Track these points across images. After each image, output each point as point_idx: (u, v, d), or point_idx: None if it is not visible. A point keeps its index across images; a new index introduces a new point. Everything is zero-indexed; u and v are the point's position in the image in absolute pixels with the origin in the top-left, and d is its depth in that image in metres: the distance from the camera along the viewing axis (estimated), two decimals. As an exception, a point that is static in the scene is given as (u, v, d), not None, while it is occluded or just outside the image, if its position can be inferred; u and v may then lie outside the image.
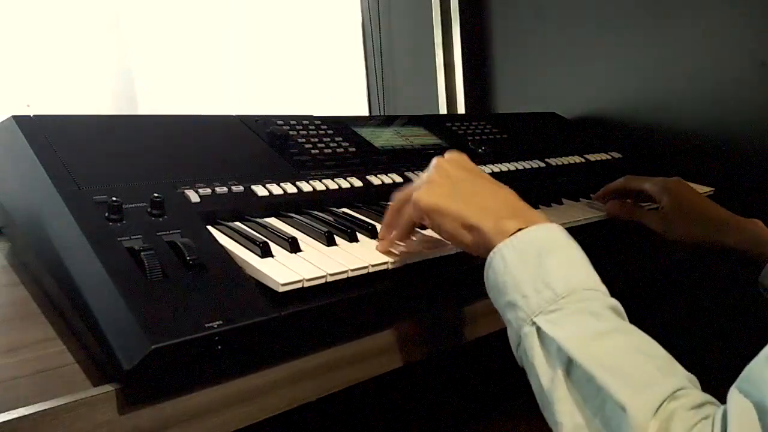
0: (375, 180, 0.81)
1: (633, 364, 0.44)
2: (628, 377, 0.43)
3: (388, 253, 0.61)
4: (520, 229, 0.52)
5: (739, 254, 0.78)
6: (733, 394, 0.40)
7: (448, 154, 0.63)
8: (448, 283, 0.66)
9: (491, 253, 0.53)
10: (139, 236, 0.54)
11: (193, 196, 0.63)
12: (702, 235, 0.80)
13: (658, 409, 0.41)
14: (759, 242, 0.77)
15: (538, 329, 0.48)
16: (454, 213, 0.56)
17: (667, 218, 0.82)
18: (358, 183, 0.78)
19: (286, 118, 0.88)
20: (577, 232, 0.81)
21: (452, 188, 0.58)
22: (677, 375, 0.44)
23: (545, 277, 0.49)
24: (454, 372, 1.09)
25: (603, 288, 0.51)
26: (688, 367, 0.46)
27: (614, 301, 0.50)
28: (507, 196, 0.59)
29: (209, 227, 0.60)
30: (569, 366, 0.46)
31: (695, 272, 1.16)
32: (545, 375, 0.47)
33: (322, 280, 0.55)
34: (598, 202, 0.90)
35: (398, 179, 0.83)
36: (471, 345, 0.67)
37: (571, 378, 0.45)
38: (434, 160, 0.62)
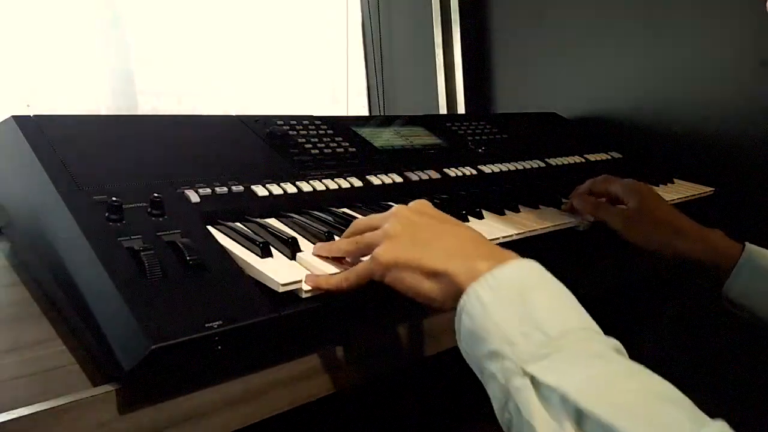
0: (375, 180, 0.81)
1: (658, 410, 0.38)
2: (657, 425, 0.36)
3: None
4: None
5: (697, 264, 0.77)
6: None
7: (410, 203, 0.58)
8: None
9: (464, 296, 0.46)
10: (139, 236, 0.54)
11: (193, 196, 0.63)
12: (661, 240, 0.78)
13: None
14: (716, 253, 0.76)
15: (533, 379, 0.40)
16: (414, 262, 0.50)
17: (630, 219, 0.79)
18: (358, 183, 0.78)
19: (286, 118, 0.88)
20: (575, 232, 0.81)
21: (411, 238, 0.52)
22: (707, 422, 0.38)
23: (533, 319, 0.43)
24: (454, 372, 1.09)
25: (598, 328, 0.45)
26: (677, 371, 0.45)
27: (616, 342, 0.44)
28: (471, 235, 0.53)
29: (209, 227, 0.60)
30: (579, 418, 0.38)
31: (689, 275, 1.15)
32: None
33: (322, 280, 0.54)
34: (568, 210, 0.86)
35: (398, 179, 0.83)
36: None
37: None
38: (393, 209, 0.56)
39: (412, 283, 0.50)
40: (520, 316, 0.43)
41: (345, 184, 0.77)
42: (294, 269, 0.56)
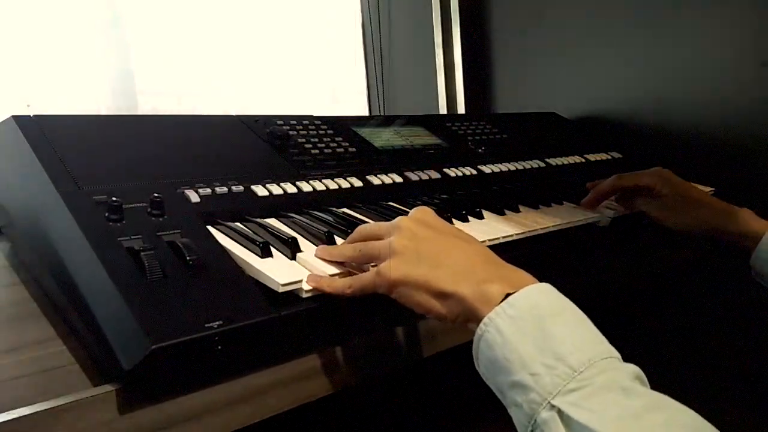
0: (375, 180, 0.81)
1: None
2: None
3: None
4: (508, 294, 0.47)
5: (731, 241, 0.82)
6: None
7: (412, 212, 0.57)
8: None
9: (482, 326, 0.46)
10: (139, 236, 0.54)
11: (193, 196, 0.63)
12: (700, 221, 0.83)
13: None
14: (747, 228, 0.80)
15: (561, 413, 0.41)
16: (422, 281, 0.50)
17: (667, 206, 0.85)
18: (358, 183, 0.78)
19: (286, 118, 0.88)
20: (577, 232, 0.81)
21: (416, 253, 0.52)
22: None
23: (554, 349, 0.43)
24: (453, 372, 1.09)
25: (616, 353, 0.45)
26: (685, 369, 0.45)
27: (635, 368, 0.44)
28: (479, 252, 0.53)
29: (209, 227, 0.60)
30: None
31: (695, 274, 1.16)
32: None
33: (322, 280, 0.54)
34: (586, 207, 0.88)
35: (398, 179, 0.83)
36: (466, 345, 0.67)
37: None
38: (397, 221, 0.55)
39: (420, 302, 0.51)
40: (541, 346, 0.44)
41: (345, 184, 0.77)
42: (294, 269, 0.56)
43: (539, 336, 0.44)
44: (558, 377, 0.42)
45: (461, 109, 1.54)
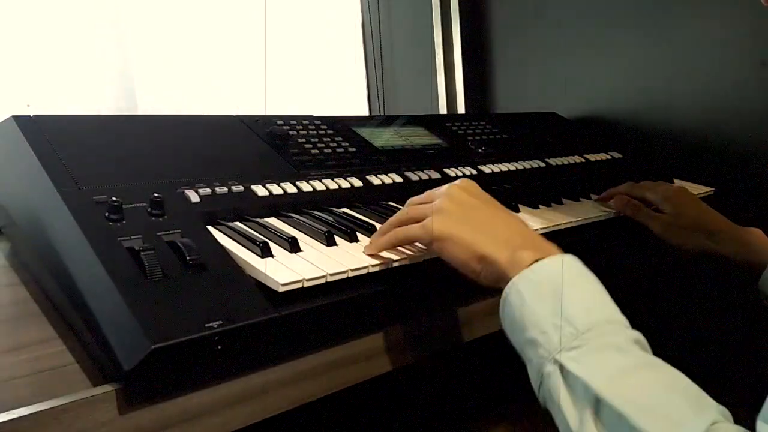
0: (375, 180, 0.81)
1: (664, 401, 0.43)
2: (661, 415, 0.42)
3: (376, 256, 0.60)
4: (536, 260, 0.51)
5: (738, 262, 0.80)
6: (761, 426, 0.40)
7: (459, 182, 0.62)
8: (447, 283, 0.66)
9: (507, 288, 0.52)
10: (139, 236, 0.54)
11: (193, 196, 0.63)
12: (702, 243, 0.83)
13: None
14: (757, 251, 0.79)
15: (561, 367, 0.46)
16: (467, 242, 0.55)
17: (668, 224, 0.84)
18: (358, 183, 0.78)
19: (286, 118, 0.88)
20: (579, 231, 0.81)
21: (464, 216, 0.57)
22: (709, 409, 0.43)
23: (565, 312, 0.48)
24: (451, 373, 1.09)
25: (624, 320, 0.50)
26: (690, 366, 0.46)
27: (637, 334, 0.49)
28: (519, 225, 0.58)
29: (209, 227, 0.60)
30: (597, 405, 0.44)
31: (699, 271, 1.15)
32: (572, 416, 0.45)
33: (322, 280, 0.55)
34: (599, 202, 0.92)
35: (398, 179, 0.83)
36: (467, 346, 0.67)
37: (600, 418, 0.44)
38: (445, 187, 0.61)
39: (461, 259, 0.56)
40: (554, 309, 0.48)
41: (345, 184, 0.77)
42: (294, 268, 0.56)
43: (553, 300, 0.49)
44: (564, 336, 0.47)
45: (461, 109, 1.54)
